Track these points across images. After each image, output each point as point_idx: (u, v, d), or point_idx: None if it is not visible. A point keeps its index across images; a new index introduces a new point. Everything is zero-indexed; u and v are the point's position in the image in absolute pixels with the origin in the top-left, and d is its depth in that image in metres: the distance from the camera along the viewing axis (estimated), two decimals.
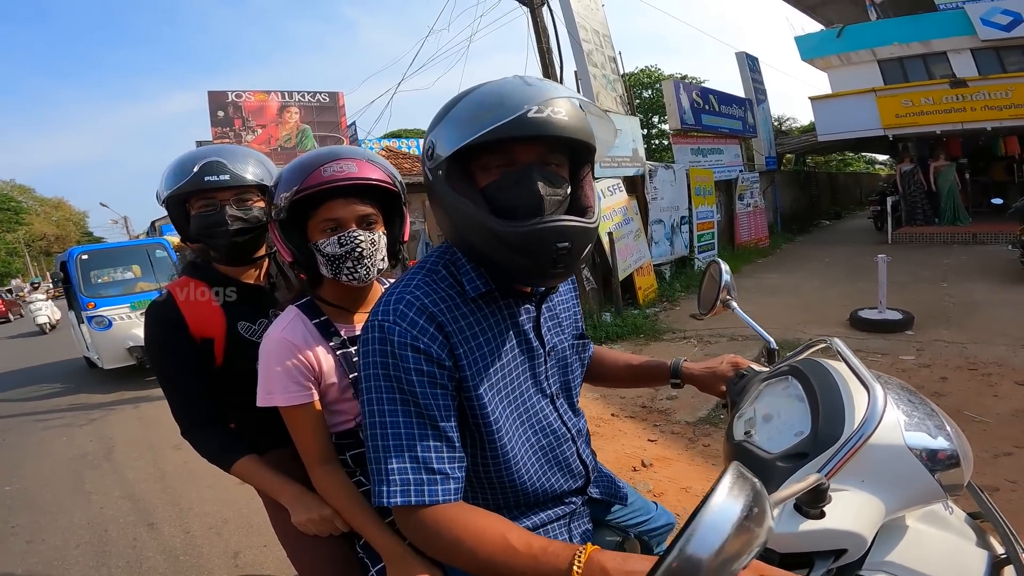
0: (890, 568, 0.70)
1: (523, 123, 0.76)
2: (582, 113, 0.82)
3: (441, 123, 0.84)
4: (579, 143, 0.83)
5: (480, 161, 0.83)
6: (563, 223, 0.80)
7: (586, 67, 7.57)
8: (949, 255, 8.60)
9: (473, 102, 0.81)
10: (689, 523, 0.47)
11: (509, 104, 0.76)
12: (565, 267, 0.83)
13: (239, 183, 1.36)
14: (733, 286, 1.23)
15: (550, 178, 0.82)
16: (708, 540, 0.46)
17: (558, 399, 1.01)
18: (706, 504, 0.47)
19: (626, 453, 3.27)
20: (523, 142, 0.80)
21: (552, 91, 0.79)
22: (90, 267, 6.71)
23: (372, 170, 1.12)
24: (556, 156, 0.85)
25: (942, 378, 3.87)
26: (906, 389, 0.82)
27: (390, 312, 0.82)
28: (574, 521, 1.03)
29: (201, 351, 1.32)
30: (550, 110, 0.77)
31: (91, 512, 3.26)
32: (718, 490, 0.48)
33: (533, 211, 0.80)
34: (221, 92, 10.29)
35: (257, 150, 4.59)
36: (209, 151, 1.39)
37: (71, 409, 5.71)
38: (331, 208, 1.11)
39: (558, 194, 0.83)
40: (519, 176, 0.81)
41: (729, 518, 0.46)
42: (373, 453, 0.81)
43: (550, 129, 0.77)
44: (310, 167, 1.09)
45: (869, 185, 21.96)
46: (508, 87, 0.80)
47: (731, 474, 0.49)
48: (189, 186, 1.33)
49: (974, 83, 10.68)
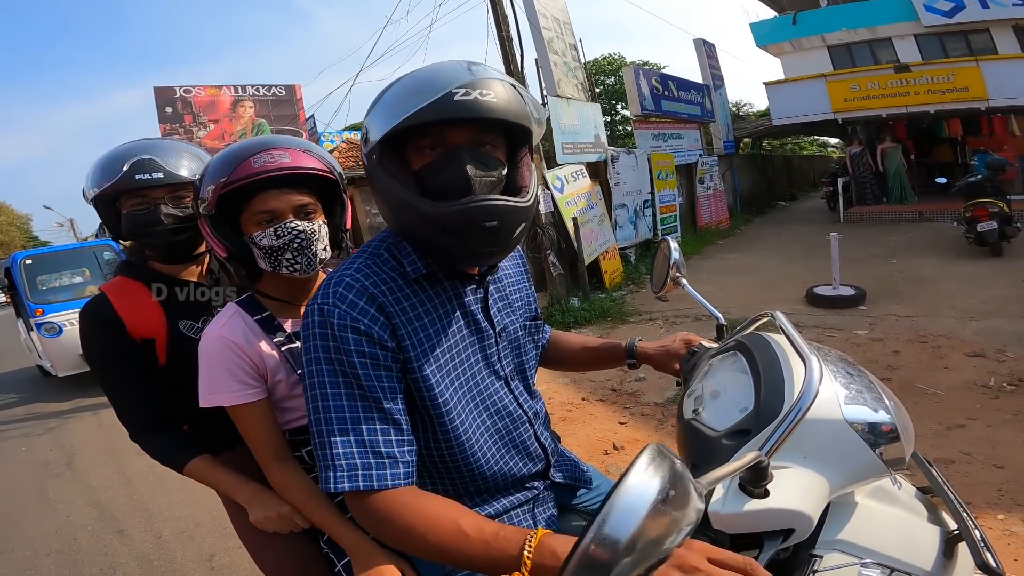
0: (842, 546, 0.70)
1: (448, 106, 0.75)
2: (515, 94, 0.81)
3: (375, 108, 0.83)
4: (513, 125, 0.82)
5: (413, 144, 0.83)
6: (491, 202, 0.80)
7: (547, 55, 7.54)
8: (898, 232, 9.01)
9: (404, 85, 0.81)
10: (603, 505, 0.46)
11: (436, 87, 0.76)
12: (496, 246, 0.84)
13: (173, 180, 1.30)
14: (682, 263, 1.25)
15: (482, 159, 0.82)
16: (623, 522, 0.45)
17: (512, 381, 1.00)
18: (620, 484, 0.46)
19: (597, 437, 3.33)
20: (455, 125, 0.80)
21: (480, 73, 0.79)
22: (36, 272, 6.40)
23: (307, 159, 1.09)
24: (490, 138, 0.84)
25: (894, 351, 4.03)
26: (845, 361, 0.82)
27: (330, 295, 0.82)
28: (538, 507, 1.02)
29: (142, 352, 1.27)
30: (478, 92, 0.76)
31: (58, 521, 3.18)
32: (632, 470, 0.47)
33: (462, 191, 0.80)
34: (168, 88, 9.89)
35: (210, 145, 4.45)
36: (139, 147, 1.31)
37: (28, 419, 5.48)
38: (264, 200, 1.07)
39: (491, 176, 0.83)
40: (448, 158, 0.81)
41: (644, 500, 0.45)
42: (318, 439, 0.79)
43: (477, 111, 0.76)
44: (238, 158, 1.05)
45: (822, 167, 22.67)
46: (443, 70, 0.79)
47: (647, 455, 0.48)
48: (119, 185, 1.27)
49: (917, 68, 11.11)
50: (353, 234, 1.34)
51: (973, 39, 11.50)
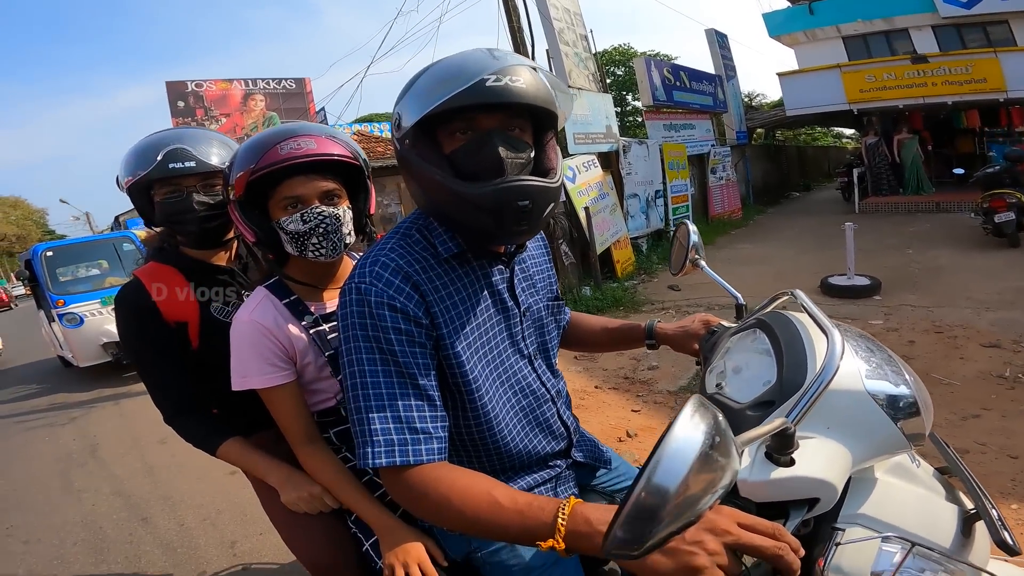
0: (863, 520, 0.71)
1: (481, 91, 0.78)
2: (541, 81, 0.84)
3: (406, 95, 0.86)
4: (540, 110, 0.85)
5: (445, 129, 0.86)
6: (524, 182, 0.83)
7: (558, 45, 7.51)
8: (914, 223, 8.87)
9: (435, 73, 0.84)
10: (653, 454, 0.47)
11: (468, 73, 0.79)
12: (528, 224, 0.87)
13: (205, 169, 1.33)
14: (700, 245, 1.26)
15: (512, 143, 0.85)
16: (674, 469, 0.45)
17: (536, 359, 1.03)
18: (669, 433, 0.47)
19: (611, 424, 3.35)
20: (485, 110, 0.83)
21: (510, 60, 0.82)
22: (56, 264, 6.49)
23: (332, 145, 1.11)
24: (518, 122, 0.87)
25: (910, 341, 4.00)
26: (864, 337, 0.84)
27: (366, 274, 0.84)
28: (560, 485, 1.05)
29: (176, 335, 1.30)
30: (508, 78, 0.79)
31: (84, 510, 3.23)
32: (680, 419, 0.48)
33: (495, 173, 0.83)
34: (180, 82, 10.00)
35: None
36: (171, 136, 1.35)
37: (51, 409, 5.57)
38: (291, 186, 1.09)
39: (520, 157, 0.86)
40: (481, 141, 0.84)
41: (693, 446, 0.46)
42: (356, 415, 0.82)
43: (508, 96, 0.79)
44: (266, 145, 1.07)
45: (837, 158, 22.39)
46: (470, 58, 0.83)
47: (692, 404, 0.49)
48: (153, 174, 1.31)
49: (935, 59, 10.95)
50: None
51: (992, 30, 11.30)
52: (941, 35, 11.84)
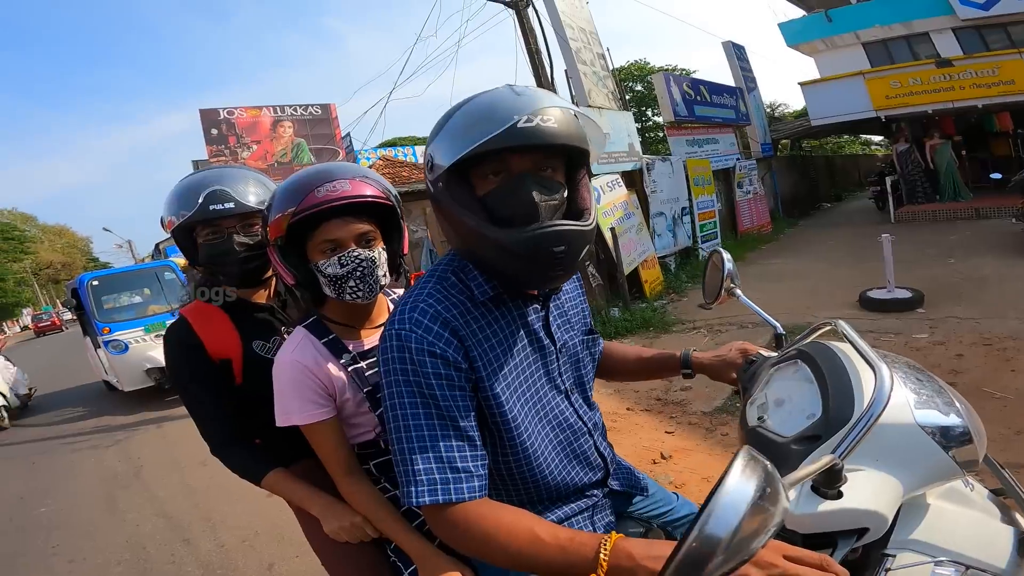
0: (915, 546, 0.71)
1: (513, 134, 0.78)
2: (572, 118, 0.84)
3: (438, 136, 0.87)
4: (572, 149, 0.85)
5: (478, 170, 0.86)
6: (559, 228, 0.83)
7: (575, 65, 7.58)
8: (954, 231, 8.59)
9: (466, 115, 0.85)
10: (706, 505, 0.49)
11: (499, 116, 0.79)
12: (564, 269, 0.87)
13: (243, 210, 1.37)
14: (736, 274, 1.25)
15: (545, 185, 0.85)
16: (725, 519, 0.48)
17: (572, 394, 1.03)
18: (721, 486, 0.49)
19: (644, 446, 3.30)
20: (517, 151, 0.83)
21: (540, 100, 0.82)
22: (101, 292, 6.79)
23: (366, 187, 1.12)
24: (551, 161, 0.87)
25: (958, 355, 3.85)
26: (914, 368, 0.83)
27: (406, 320, 0.85)
28: (597, 514, 1.05)
29: (220, 371, 1.34)
30: (539, 119, 0.79)
31: (127, 530, 3.33)
32: (731, 472, 0.50)
33: (529, 218, 0.83)
34: (212, 110, 10.28)
35: (254, 167, 4.58)
36: (211, 177, 1.39)
37: (96, 431, 5.78)
38: (328, 229, 1.11)
39: (554, 200, 0.86)
40: (514, 185, 0.84)
41: (744, 498, 0.48)
42: (399, 456, 0.83)
43: (540, 138, 0.80)
44: (304, 189, 1.09)
45: (867, 166, 21.88)
46: (498, 98, 0.83)
47: (743, 457, 0.52)
48: (196, 217, 1.35)
49: (959, 62, 10.73)
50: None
51: (1013, 31, 11.05)
52: (962, 37, 11.60)
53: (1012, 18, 10.82)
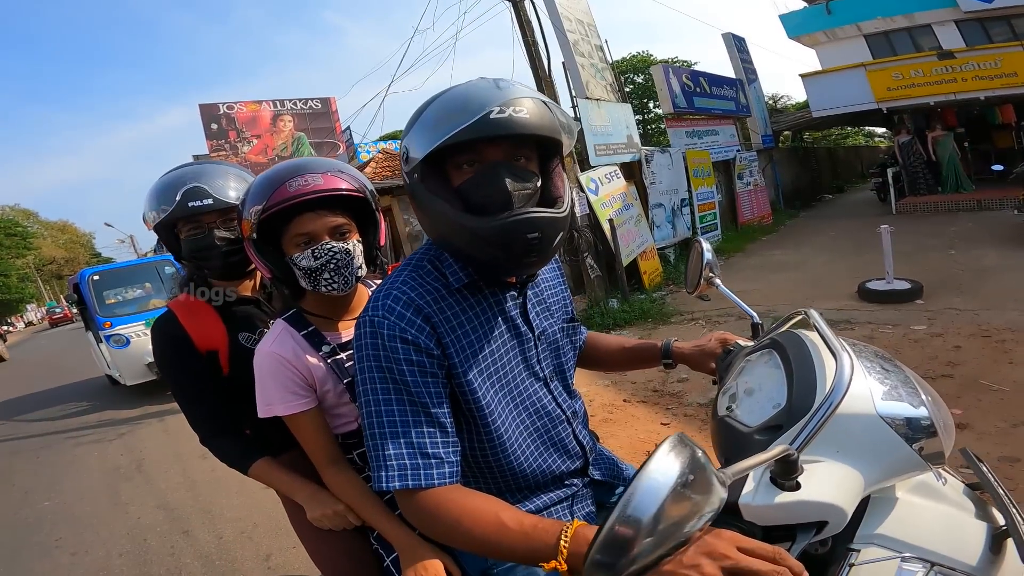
0: (881, 540, 0.70)
1: (486, 124, 0.79)
2: (544, 109, 0.85)
3: (413, 128, 0.88)
4: (544, 139, 0.86)
5: (452, 161, 0.87)
6: (532, 215, 0.84)
7: (573, 57, 7.54)
8: (955, 223, 8.55)
9: (440, 106, 0.85)
10: (627, 488, 0.50)
11: (472, 107, 0.80)
12: (538, 256, 0.88)
13: (222, 205, 1.38)
14: (716, 263, 1.26)
15: (518, 173, 0.86)
16: (645, 503, 0.48)
17: (552, 381, 1.04)
18: (643, 469, 0.50)
19: (640, 438, 3.31)
20: (490, 141, 0.84)
21: (512, 91, 0.83)
22: (102, 287, 6.82)
23: (339, 181, 1.13)
24: (524, 151, 0.88)
25: (955, 347, 3.83)
26: (881, 357, 0.82)
27: (379, 307, 0.87)
28: (576, 503, 1.05)
29: (208, 363, 1.36)
30: (511, 109, 0.80)
31: (129, 523, 3.36)
32: (655, 456, 0.50)
33: (503, 206, 0.84)
34: (212, 104, 10.25)
35: (254, 161, 4.61)
36: (188, 174, 1.40)
37: (100, 425, 5.83)
38: (301, 222, 1.11)
39: (527, 188, 0.87)
40: (487, 174, 0.85)
41: (665, 482, 0.49)
42: (371, 441, 0.85)
43: (512, 128, 0.80)
44: (275, 183, 1.09)
45: (869, 158, 21.76)
46: (472, 90, 0.84)
47: (669, 442, 0.52)
48: (175, 213, 1.36)
49: (961, 54, 10.66)
50: (393, 242, 1.38)
51: (1016, 23, 11.01)
52: (965, 30, 11.57)
53: (1015, 10, 10.76)
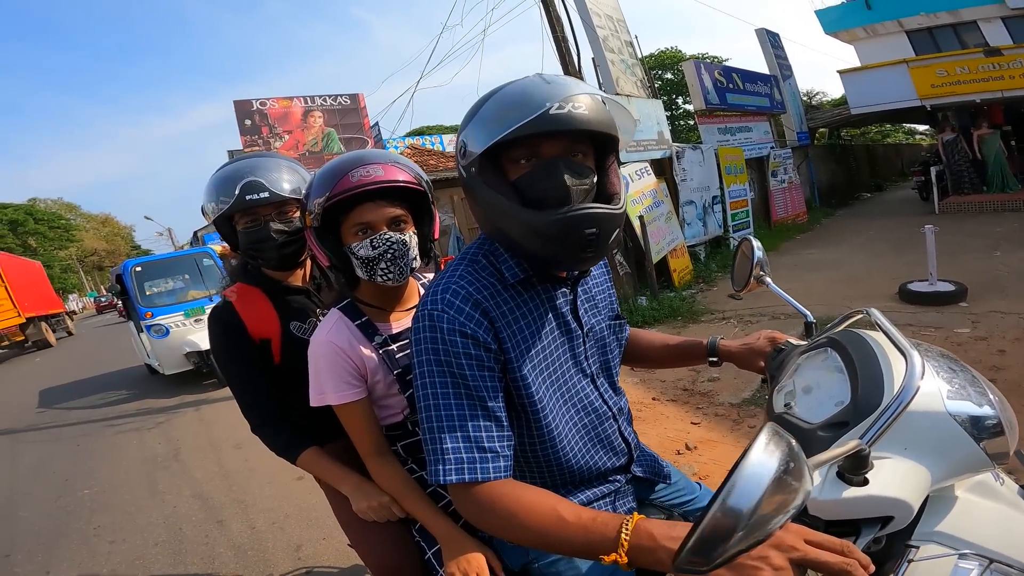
0: (939, 538, 0.70)
1: (546, 120, 0.80)
2: (602, 105, 0.85)
3: (471, 123, 0.89)
4: (602, 135, 0.87)
5: (510, 156, 0.88)
6: (591, 210, 0.84)
7: (603, 53, 7.48)
8: (1001, 223, 8.19)
9: (499, 102, 0.87)
10: (729, 478, 0.49)
11: (532, 103, 0.81)
12: (595, 251, 0.88)
13: (277, 199, 1.42)
14: (766, 262, 1.24)
15: (576, 169, 0.87)
16: (748, 492, 0.47)
17: (598, 378, 1.04)
18: (745, 459, 0.49)
19: (669, 437, 3.27)
20: (548, 137, 0.85)
21: (571, 88, 0.84)
22: (144, 278, 7.01)
23: (398, 172, 1.15)
24: (581, 147, 0.89)
25: (1000, 351, 3.69)
26: (947, 357, 0.82)
27: (438, 301, 0.88)
28: (619, 499, 1.06)
29: (261, 351, 1.40)
30: (570, 106, 0.81)
31: (165, 511, 3.44)
32: (755, 446, 0.49)
33: (561, 201, 0.84)
34: (246, 101, 10.56)
35: (285, 156, 4.62)
36: (245, 168, 1.44)
37: (139, 414, 5.99)
38: (361, 212, 1.14)
39: (584, 183, 0.87)
40: (547, 169, 0.86)
41: (767, 472, 0.48)
42: (428, 435, 0.85)
43: (571, 124, 0.81)
44: (339, 173, 1.13)
45: (910, 155, 21.04)
46: (530, 86, 0.85)
47: (767, 432, 0.51)
48: (233, 207, 1.41)
49: (1009, 51, 10.24)
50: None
51: None
52: (1013, 26, 11.19)
53: None
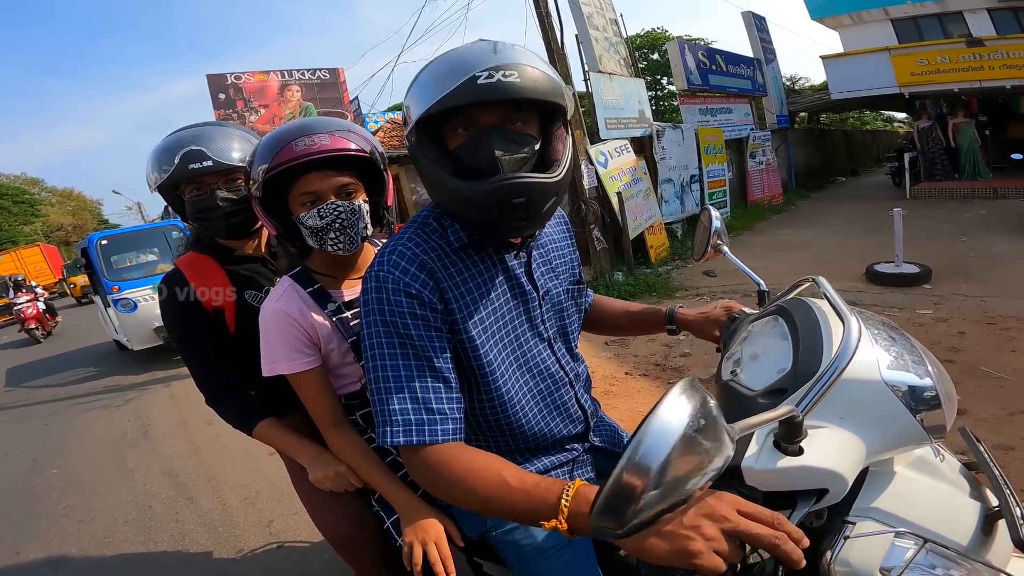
0: (876, 514, 0.69)
1: (471, 89, 0.78)
2: (541, 73, 0.82)
3: (410, 91, 0.87)
4: (540, 103, 0.84)
5: (448, 125, 0.86)
6: (517, 180, 0.82)
7: (587, 30, 7.41)
8: (969, 210, 8.41)
9: (432, 70, 0.84)
10: (635, 434, 0.47)
11: (460, 71, 0.79)
12: (527, 220, 0.87)
13: (222, 167, 1.37)
14: (724, 232, 1.25)
15: (512, 138, 0.84)
16: (655, 448, 0.45)
17: (555, 343, 1.03)
18: (653, 413, 0.47)
19: (640, 412, 3.29)
20: (483, 106, 0.82)
21: (505, 55, 0.81)
22: (110, 252, 6.77)
23: (345, 141, 1.12)
24: (520, 115, 0.86)
25: (960, 332, 3.81)
26: (887, 325, 0.81)
27: (384, 263, 0.88)
28: (577, 468, 1.06)
29: (214, 321, 1.36)
30: (500, 74, 0.78)
31: (135, 490, 3.38)
32: (665, 400, 0.48)
33: (491, 171, 0.83)
34: (220, 75, 10.21)
35: (262, 129, 4.52)
36: (188, 137, 1.38)
37: (107, 391, 5.85)
38: (307, 182, 1.11)
39: (521, 153, 0.85)
40: (478, 139, 0.84)
41: (676, 427, 0.46)
42: (376, 395, 0.85)
43: (500, 93, 0.79)
44: (281, 142, 1.09)
45: (887, 142, 21.34)
46: (465, 54, 0.82)
47: (680, 386, 0.49)
48: (175, 176, 1.35)
49: (991, 42, 10.42)
50: (399, 211, 1.36)
51: None
52: (998, 18, 11.34)
53: None
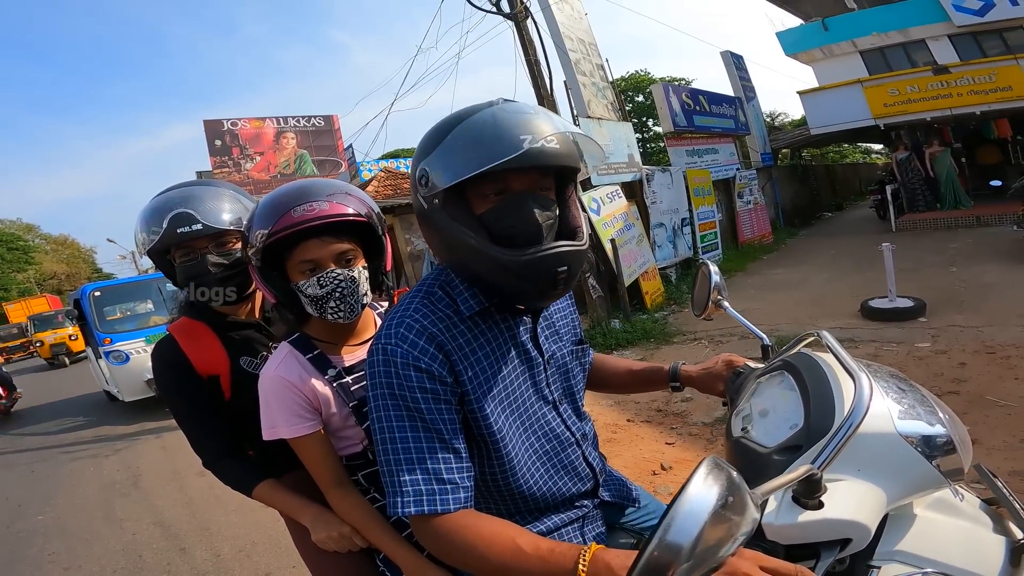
0: (901, 556, 0.70)
1: (526, 157, 0.80)
2: (568, 138, 0.85)
3: (434, 153, 0.86)
4: (568, 169, 0.87)
5: (476, 189, 0.86)
6: (561, 249, 0.84)
7: (575, 76, 7.64)
8: (955, 239, 8.58)
9: (467, 134, 0.84)
10: (667, 513, 0.49)
11: (507, 138, 0.80)
12: (564, 288, 0.88)
13: (212, 231, 1.34)
14: (723, 286, 1.26)
15: (543, 203, 0.86)
16: (686, 528, 0.48)
17: (561, 404, 1.03)
18: (682, 494, 0.49)
19: (644, 458, 3.28)
20: (519, 172, 0.84)
21: (544, 123, 0.83)
22: (103, 303, 6.79)
23: (344, 207, 1.11)
24: (546, 180, 0.89)
25: (960, 364, 3.83)
26: (896, 376, 0.83)
27: (392, 335, 0.86)
28: (587, 524, 1.05)
29: (209, 388, 1.34)
30: (543, 141, 0.80)
31: (124, 538, 3.31)
32: (693, 480, 0.50)
33: (532, 237, 0.84)
34: (216, 121, 10.30)
35: (257, 178, 4.63)
36: (176, 199, 1.35)
37: (96, 440, 5.78)
38: (306, 249, 1.10)
39: (550, 218, 0.87)
40: (516, 204, 0.85)
41: (705, 506, 0.48)
42: (386, 467, 0.84)
43: (545, 160, 0.81)
44: (280, 208, 1.08)
45: (867, 175, 21.95)
46: (502, 119, 0.83)
47: (706, 465, 0.52)
48: (164, 241, 1.32)
49: (956, 69, 10.78)
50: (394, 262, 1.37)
51: (1009, 37, 11.18)
52: (959, 44, 11.70)
53: (1008, 24, 10.95)
